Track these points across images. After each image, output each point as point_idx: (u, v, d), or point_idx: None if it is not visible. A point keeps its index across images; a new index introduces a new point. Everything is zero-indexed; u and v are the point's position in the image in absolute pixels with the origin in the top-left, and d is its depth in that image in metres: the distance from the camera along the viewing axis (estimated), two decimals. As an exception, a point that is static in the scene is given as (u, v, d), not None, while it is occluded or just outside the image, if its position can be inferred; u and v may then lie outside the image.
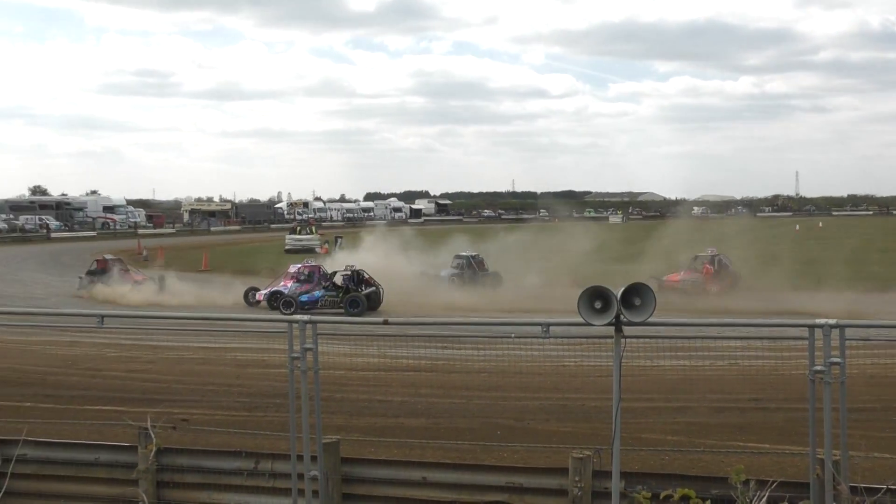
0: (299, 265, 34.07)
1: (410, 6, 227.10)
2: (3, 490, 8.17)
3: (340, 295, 31.41)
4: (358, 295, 31.02)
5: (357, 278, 31.87)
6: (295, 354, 8.02)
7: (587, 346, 15.50)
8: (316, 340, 7.99)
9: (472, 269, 38.07)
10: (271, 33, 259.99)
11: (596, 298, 7.14)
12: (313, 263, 34.54)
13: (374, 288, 31.97)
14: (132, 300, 33.27)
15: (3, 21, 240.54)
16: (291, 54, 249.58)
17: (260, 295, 32.37)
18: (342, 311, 30.46)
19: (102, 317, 8.61)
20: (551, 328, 7.76)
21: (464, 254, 39.87)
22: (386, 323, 8.37)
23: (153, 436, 8.87)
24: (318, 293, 31.82)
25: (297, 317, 8.02)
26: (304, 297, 31.51)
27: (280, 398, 14.49)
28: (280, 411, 13.85)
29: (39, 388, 16.78)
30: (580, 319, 7.21)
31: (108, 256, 38.86)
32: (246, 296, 32.81)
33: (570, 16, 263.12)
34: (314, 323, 7.98)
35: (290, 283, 32.63)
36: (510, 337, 9.53)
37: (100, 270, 37.49)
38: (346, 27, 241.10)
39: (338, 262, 38.00)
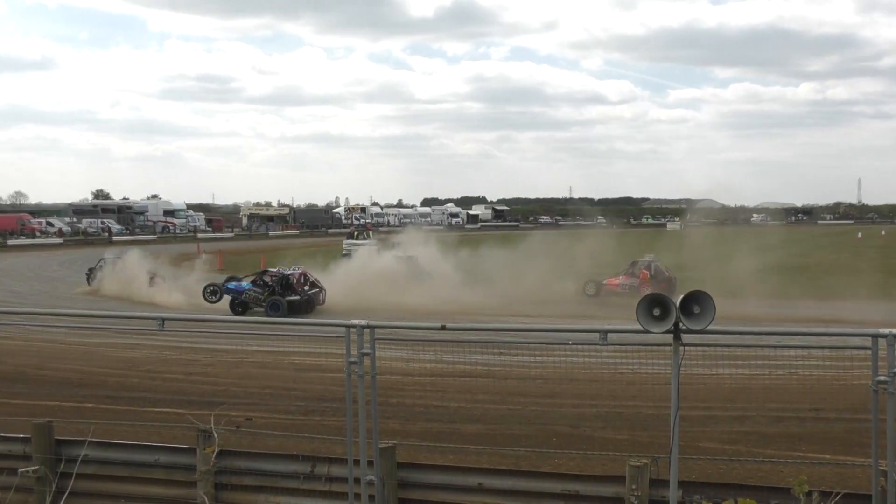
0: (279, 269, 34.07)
1: (469, 12, 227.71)
2: (68, 490, 8.28)
3: (265, 294, 31.61)
4: (278, 299, 31.06)
5: (285, 282, 31.87)
6: (353, 359, 8.05)
7: (644, 353, 15.38)
8: (373, 345, 8.01)
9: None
10: (330, 39, 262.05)
11: (654, 306, 7.09)
12: (299, 269, 34.12)
13: (316, 289, 32.50)
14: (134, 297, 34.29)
15: (69, 27, 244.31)
16: (350, 60, 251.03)
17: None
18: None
19: (163, 320, 8.70)
20: (609, 335, 7.72)
21: None
22: (443, 328, 8.36)
23: (216, 436, 8.94)
24: (245, 285, 32.08)
25: (356, 321, 8.05)
26: (230, 285, 32.12)
27: (336, 402, 14.56)
28: (336, 415, 13.92)
29: (100, 390, 17.01)
30: (638, 326, 7.17)
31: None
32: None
33: (630, 22, 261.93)
34: (372, 328, 8.00)
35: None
36: (567, 343, 9.46)
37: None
38: (404, 33, 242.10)
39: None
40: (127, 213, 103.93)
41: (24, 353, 20.02)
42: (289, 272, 32.59)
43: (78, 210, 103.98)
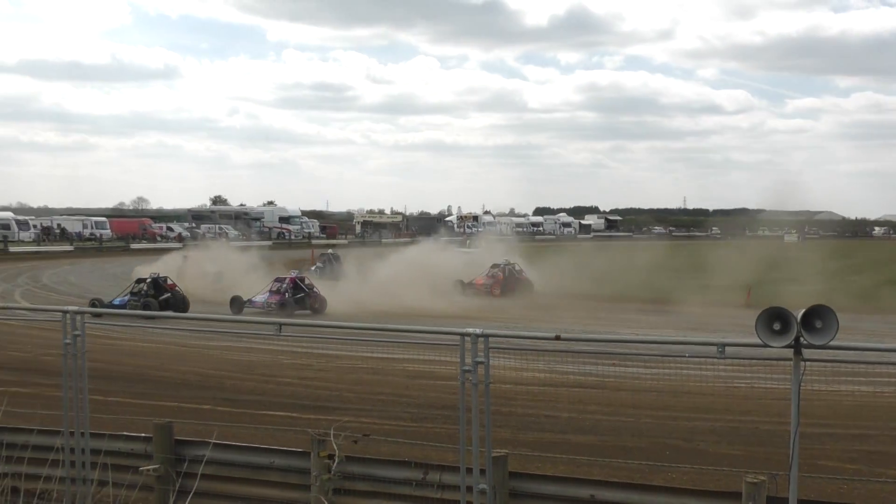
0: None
1: (583, 21, 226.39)
2: (192, 491, 8.46)
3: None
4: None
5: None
6: (466, 367, 8.06)
7: (759, 367, 15.08)
8: (487, 354, 8.01)
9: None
10: (444, 49, 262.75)
11: (774, 319, 6.95)
12: (297, 274, 35.91)
13: (303, 294, 34.06)
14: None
15: (191, 38, 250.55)
16: (463, 69, 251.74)
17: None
18: None
19: (281, 325, 8.85)
20: (727, 348, 7.58)
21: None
22: (558, 338, 8.33)
23: (336, 446, 9.02)
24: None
25: (470, 330, 8.06)
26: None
27: (448, 410, 14.61)
28: (447, 423, 13.96)
29: (218, 392, 17.37)
30: (757, 340, 7.03)
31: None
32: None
33: (747, 30, 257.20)
34: (486, 336, 8.01)
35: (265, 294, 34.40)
36: (684, 356, 9.32)
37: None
38: (517, 42, 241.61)
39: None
40: (243, 219, 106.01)
41: (146, 354, 20.56)
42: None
43: (197, 216, 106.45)
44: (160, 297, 33.00)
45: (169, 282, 34.30)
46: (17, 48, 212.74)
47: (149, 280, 33.93)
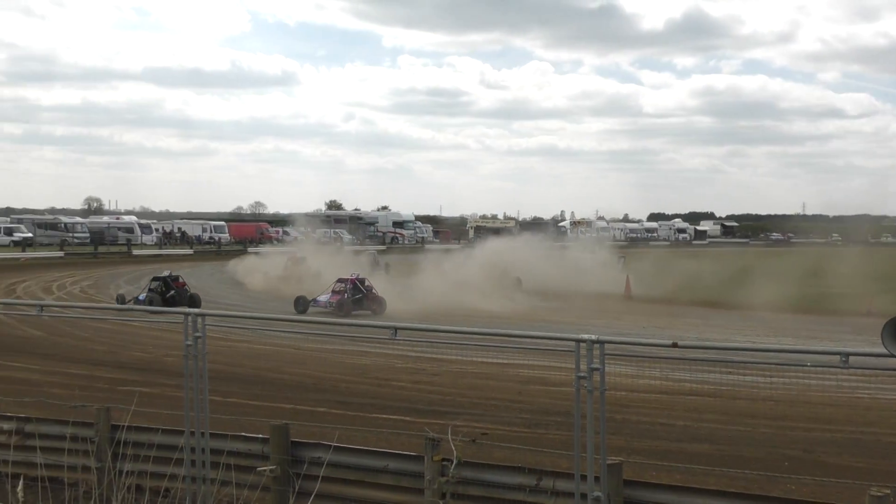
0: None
1: (701, 25, 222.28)
2: (314, 493, 8.58)
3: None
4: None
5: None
6: (581, 374, 8.02)
7: (884, 378, 14.70)
8: (603, 361, 7.95)
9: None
10: (558, 54, 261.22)
11: (901, 329, 6.76)
12: (357, 276, 36.37)
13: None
14: None
15: (308, 45, 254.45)
16: (578, 74, 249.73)
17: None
18: None
19: (396, 329, 8.92)
20: (850, 358, 7.40)
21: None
22: (675, 346, 8.23)
23: (454, 449, 9.05)
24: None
25: (585, 336, 8.02)
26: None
27: (561, 416, 14.53)
28: (561, 429, 13.89)
29: (333, 395, 17.58)
30: (882, 350, 6.85)
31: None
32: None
33: (871, 33, 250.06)
34: (602, 343, 7.95)
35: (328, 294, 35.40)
36: (805, 365, 9.11)
37: None
38: (633, 46, 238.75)
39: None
40: (358, 224, 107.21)
41: (263, 356, 20.94)
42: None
43: (312, 220, 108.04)
44: (167, 294, 35.37)
45: (179, 280, 36.83)
46: (142, 57, 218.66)
47: (163, 278, 36.61)
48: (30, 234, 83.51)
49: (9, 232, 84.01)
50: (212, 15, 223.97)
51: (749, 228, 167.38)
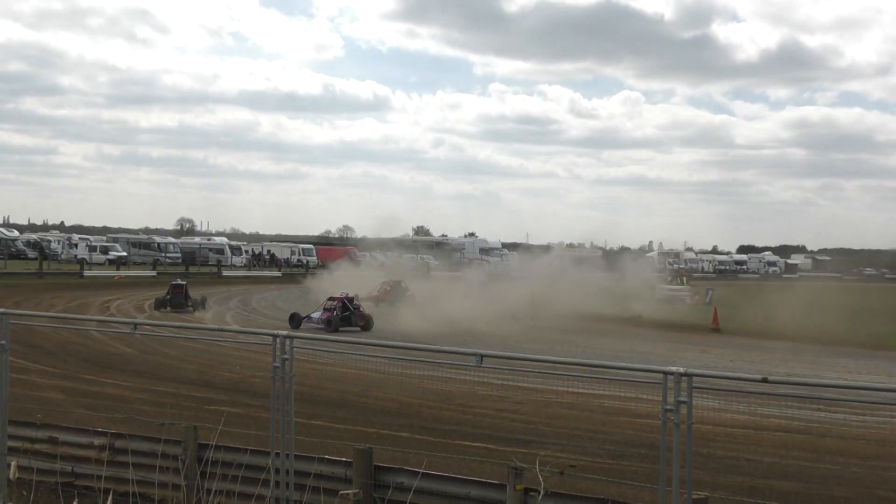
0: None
1: (796, 56, 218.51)
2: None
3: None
4: (333, 316, 37.23)
5: (344, 305, 37.97)
6: (669, 406, 7.94)
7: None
8: (690, 394, 7.87)
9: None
10: (650, 83, 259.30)
11: None
12: (345, 295, 38.85)
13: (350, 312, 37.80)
14: None
15: (400, 71, 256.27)
16: (669, 104, 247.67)
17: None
18: None
19: (482, 356, 8.92)
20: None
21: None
22: (765, 381, 8.10)
23: (541, 479, 9.01)
24: (319, 313, 38.30)
25: (672, 368, 7.94)
26: (313, 315, 38.27)
27: (645, 448, 14.40)
28: (645, 462, 13.76)
29: (416, 420, 17.63)
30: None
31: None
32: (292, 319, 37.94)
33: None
34: (690, 376, 7.87)
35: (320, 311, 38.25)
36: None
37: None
38: (726, 77, 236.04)
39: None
40: (444, 250, 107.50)
41: (348, 379, 21.07)
42: (341, 294, 38.82)
43: (399, 245, 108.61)
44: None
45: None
46: (238, 81, 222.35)
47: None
48: (124, 253, 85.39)
49: (105, 250, 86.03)
50: (307, 41, 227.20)
51: (842, 263, 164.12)
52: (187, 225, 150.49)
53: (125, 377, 22.06)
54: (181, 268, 78.52)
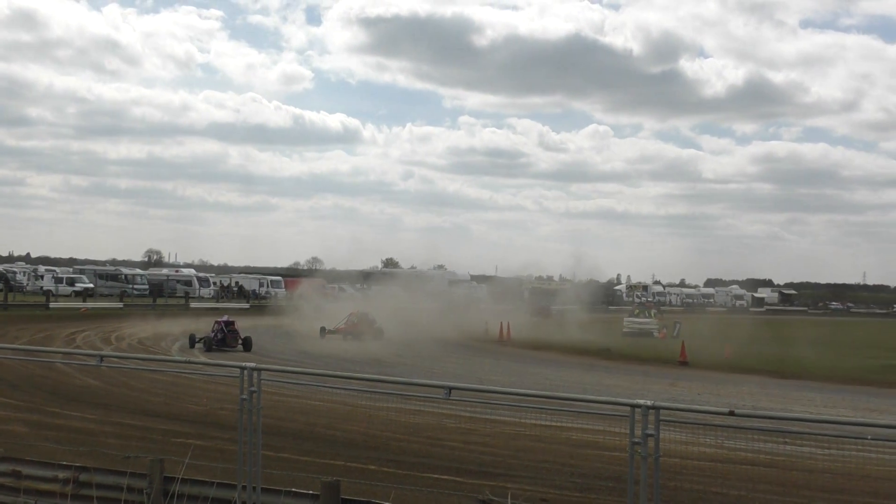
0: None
1: (762, 91, 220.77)
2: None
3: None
4: (207, 338, 42.47)
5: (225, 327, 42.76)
6: (636, 439, 7.97)
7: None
8: (658, 426, 7.91)
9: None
10: (618, 118, 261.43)
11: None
12: (226, 318, 43.76)
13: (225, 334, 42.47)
14: None
15: (370, 104, 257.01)
16: (637, 138, 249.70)
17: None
18: None
19: (450, 389, 8.93)
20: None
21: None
22: (731, 414, 8.15)
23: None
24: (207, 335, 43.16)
25: (640, 402, 7.98)
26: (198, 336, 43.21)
27: (614, 481, 14.41)
28: (613, 494, 13.77)
29: (383, 453, 17.54)
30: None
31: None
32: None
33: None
34: (657, 409, 7.91)
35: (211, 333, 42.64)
36: (865, 438, 8.98)
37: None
38: (693, 112, 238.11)
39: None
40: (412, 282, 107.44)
41: (316, 412, 20.98)
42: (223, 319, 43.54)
43: (367, 276, 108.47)
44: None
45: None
46: (208, 113, 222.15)
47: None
48: (91, 285, 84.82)
49: (71, 282, 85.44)
50: (276, 73, 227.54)
51: (808, 297, 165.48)
52: (155, 256, 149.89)
53: (91, 410, 21.85)
54: (148, 300, 78.06)
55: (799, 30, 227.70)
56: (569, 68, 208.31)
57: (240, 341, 42.10)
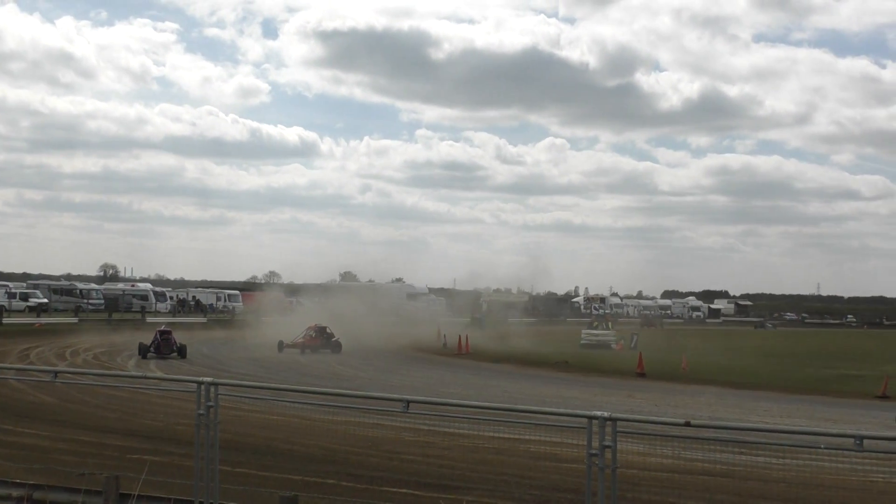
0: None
1: (716, 105, 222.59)
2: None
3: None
4: (142, 344, 45.22)
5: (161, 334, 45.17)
6: (593, 451, 8.01)
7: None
8: (615, 438, 7.95)
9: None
10: (575, 131, 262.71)
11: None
12: (164, 328, 46.51)
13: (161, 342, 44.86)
14: None
15: (327, 117, 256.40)
16: (594, 151, 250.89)
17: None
18: None
19: (408, 402, 8.93)
20: (864, 441, 7.37)
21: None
22: (687, 424, 8.21)
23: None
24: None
25: (598, 413, 8.02)
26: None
27: (571, 493, 14.46)
28: (571, 507, 13.80)
29: (342, 467, 17.49)
30: None
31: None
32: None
33: (885, 116, 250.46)
34: (614, 420, 7.95)
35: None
36: (819, 448, 9.08)
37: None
38: (649, 125, 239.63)
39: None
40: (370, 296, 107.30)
41: (274, 426, 20.86)
42: (164, 326, 46.83)
43: (325, 290, 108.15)
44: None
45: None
46: (164, 126, 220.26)
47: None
48: (45, 300, 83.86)
49: (25, 297, 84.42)
50: (233, 86, 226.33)
51: (764, 308, 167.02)
52: (110, 271, 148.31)
53: (45, 426, 21.59)
54: (104, 314, 77.33)
55: (752, 44, 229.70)
56: (525, 82, 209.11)
57: (175, 349, 44.51)
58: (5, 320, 64.81)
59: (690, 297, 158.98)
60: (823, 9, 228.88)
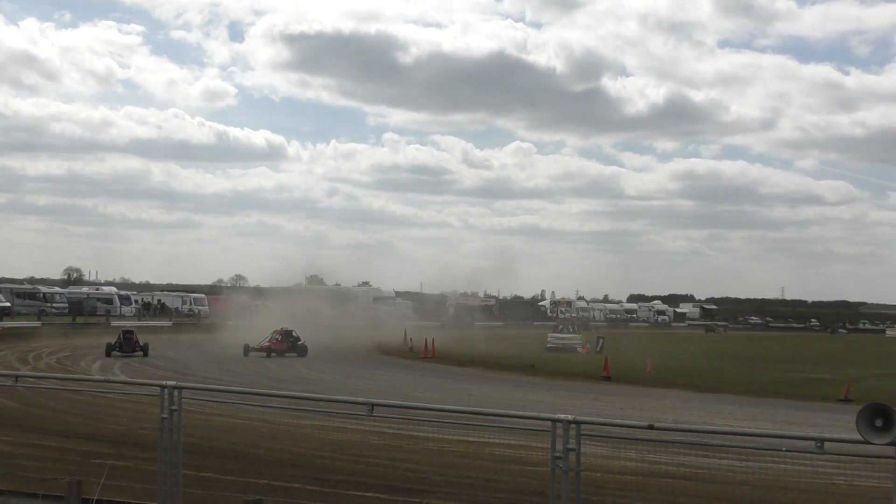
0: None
1: (682, 110, 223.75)
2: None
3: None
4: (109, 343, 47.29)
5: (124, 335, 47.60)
6: (557, 454, 8.02)
7: (861, 465, 14.67)
8: (579, 441, 7.97)
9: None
10: (541, 135, 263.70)
11: (877, 416, 6.81)
12: (126, 328, 49.79)
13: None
14: None
15: (294, 120, 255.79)
16: (560, 155, 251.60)
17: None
18: None
19: (373, 405, 8.91)
20: (825, 444, 7.43)
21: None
22: (651, 427, 8.24)
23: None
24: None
25: (562, 416, 8.03)
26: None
27: (536, 497, 14.44)
28: (536, 510, 13.79)
29: (307, 471, 17.42)
30: (857, 436, 6.89)
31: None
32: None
33: (848, 122, 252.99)
34: (578, 423, 7.97)
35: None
36: (781, 450, 9.14)
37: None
38: (615, 129, 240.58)
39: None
40: (337, 299, 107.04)
41: (239, 430, 20.76)
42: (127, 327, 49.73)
43: (291, 293, 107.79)
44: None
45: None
46: (129, 129, 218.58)
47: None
48: (8, 304, 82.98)
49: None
50: (199, 89, 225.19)
51: (728, 311, 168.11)
52: (75, 274, 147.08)
53: (6, 431, 21.36)
54: (68, 318, 76.67)
55: (717, 49, 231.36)
56: (492, 86, 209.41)
57: (138, 348, 46.83)
58: (-33, 324, 64.16)
59: (656, 301, 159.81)
60: (787, 15, 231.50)
